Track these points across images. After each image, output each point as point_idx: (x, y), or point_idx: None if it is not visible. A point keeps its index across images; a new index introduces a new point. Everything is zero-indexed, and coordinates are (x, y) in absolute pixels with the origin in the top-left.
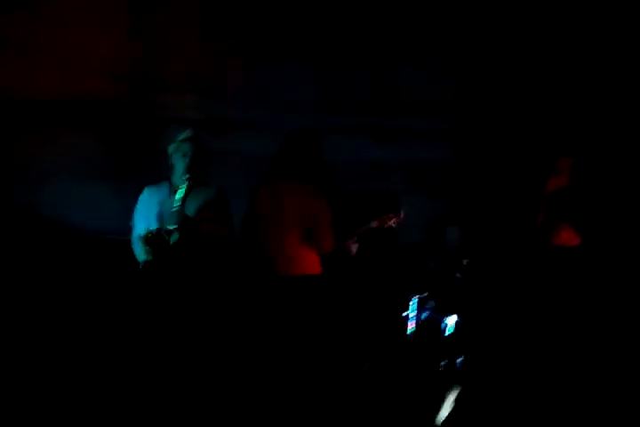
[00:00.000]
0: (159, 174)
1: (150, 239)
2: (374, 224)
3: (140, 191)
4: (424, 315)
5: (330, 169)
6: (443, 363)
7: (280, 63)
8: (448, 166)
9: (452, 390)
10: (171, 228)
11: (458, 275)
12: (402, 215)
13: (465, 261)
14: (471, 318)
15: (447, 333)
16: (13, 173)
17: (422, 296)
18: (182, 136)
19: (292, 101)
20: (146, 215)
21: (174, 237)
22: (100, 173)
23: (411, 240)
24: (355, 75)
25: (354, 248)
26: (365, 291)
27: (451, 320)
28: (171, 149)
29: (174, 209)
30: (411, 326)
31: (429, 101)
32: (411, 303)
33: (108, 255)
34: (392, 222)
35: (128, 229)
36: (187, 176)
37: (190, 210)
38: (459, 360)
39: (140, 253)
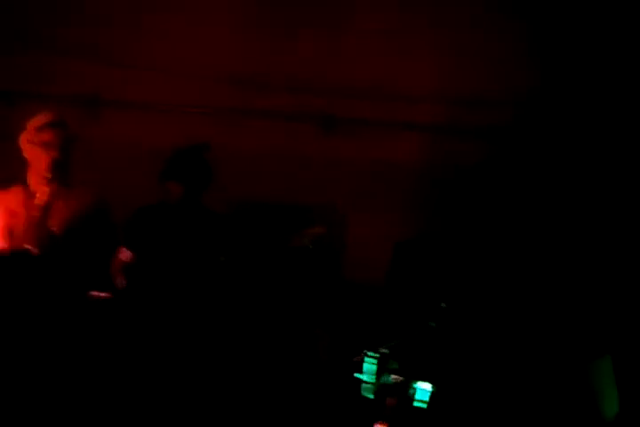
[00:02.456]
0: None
1: None
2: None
3: None
4: (384, 379)
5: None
6: None
7: None
8: (421, 170)
9: None
10: (28, 248)
11: (432, 324)
12: (320, 230)
13: (443, 305)
14: (450, 386)
15: (417, 404)
16: None
17: (381, 353)
18: (41, 121)
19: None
20: None
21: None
22: None
23: (366, 274)
24: (301, 37)
25: None
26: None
27: (422, 388)
28: (24, 138)
29: (32, 223)
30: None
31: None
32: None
33: None
34: (307, 241)
35: None
36: (50, 176)
37: (56, 224)
38: None
39: None
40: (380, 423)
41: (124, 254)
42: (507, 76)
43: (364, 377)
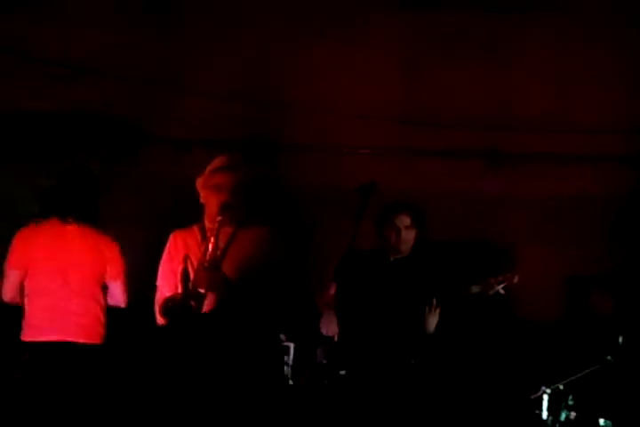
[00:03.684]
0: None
1: (171, 309)
2: (475, 289)
3: (165, 237)
4: (563, 415)
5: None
6: None
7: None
8: (598, 203)
9: None
10: (201, 292)
11: (609, 358)
12: (515, 278)
13: (620, 339)
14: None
15: None
16: None
17: (557, 389)
18: (215, 165)
19: (364, 108)
20: (173, 272)
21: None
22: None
23: (538, 310)
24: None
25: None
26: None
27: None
28: (199, 182)
29: (206, 265)
30: None
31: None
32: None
33: None
34: (499, 288)
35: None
36: (220, 219)
37: (230, 265)
38: None
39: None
40: None
41: (335, 289)
42: None
43: (542, 414)
